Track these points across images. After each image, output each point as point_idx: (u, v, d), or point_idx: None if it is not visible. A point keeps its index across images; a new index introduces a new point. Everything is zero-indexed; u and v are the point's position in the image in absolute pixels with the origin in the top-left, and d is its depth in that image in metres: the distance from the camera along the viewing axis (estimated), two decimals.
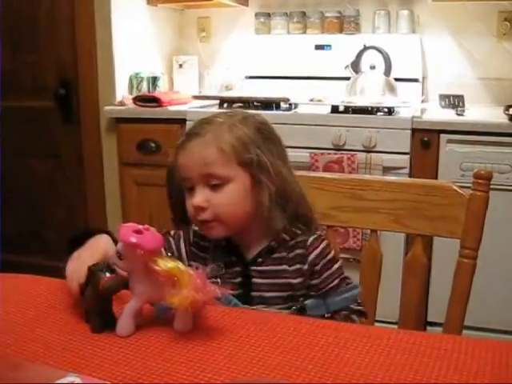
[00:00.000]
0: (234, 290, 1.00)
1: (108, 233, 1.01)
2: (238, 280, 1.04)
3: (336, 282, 1.07)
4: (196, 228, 1.12)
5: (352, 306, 1.08)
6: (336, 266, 1.08)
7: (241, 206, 1.03)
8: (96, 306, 0.84)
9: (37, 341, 0.82)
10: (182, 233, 1.11)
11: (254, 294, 1.03)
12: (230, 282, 1.01)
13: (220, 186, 1.01)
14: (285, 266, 1.04)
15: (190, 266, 0.99)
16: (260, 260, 1.05)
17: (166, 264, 0.82)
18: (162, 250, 0.90)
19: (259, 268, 1.05)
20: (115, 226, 0.87)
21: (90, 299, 0.85)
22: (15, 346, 0.80)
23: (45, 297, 0.96)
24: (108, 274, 0.83)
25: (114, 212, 2.67)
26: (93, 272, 0.84)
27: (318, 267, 1.06)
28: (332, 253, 1.09)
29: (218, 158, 1.01)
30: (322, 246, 1.08)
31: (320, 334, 0.84)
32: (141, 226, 0.84)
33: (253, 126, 1.05)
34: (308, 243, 1.07)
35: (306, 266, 1.06)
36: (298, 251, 1.06)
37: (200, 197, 1.01)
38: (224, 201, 1.01)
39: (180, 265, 0.82)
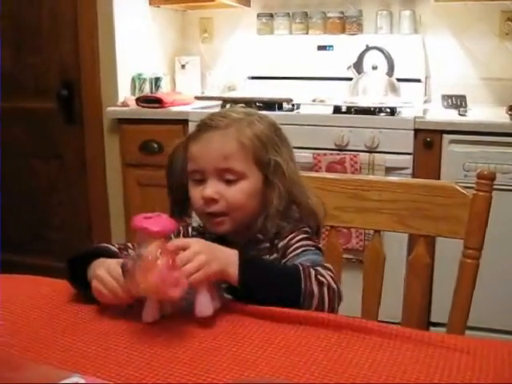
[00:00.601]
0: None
1: (107, 251, 1.00)
2: None
3: (300, 250, 1.02)
4: (195, 225, 1.11)
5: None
6: (314, 251, 1.02)
7: (250, 204, 1.02)
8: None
9: (40, 341, 0.82)
10: (181, 227, 1.11)
11: None
12: None
13: (234, 182, 1.00)
14: (267, 256, 1.03)
15: None
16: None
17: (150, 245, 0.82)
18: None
19: None
20: (118, 226, 0.87)
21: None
22: (19, 347, 0.80)
23: (48, 298, 0.97)
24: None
25: (117, 213, 2.67)
26: (126, 264, 0.85)
27: (290, 249, 1.03)
28: (312, 242, 1.05)
29: (238, 152, 1.00)
30: (298, 233, 1.04)
31: (322, 334, 0.84)
32: (152, 214, 0.85)
33: (268, 126, 1.05)
34: (284, 231, 1.04)
35: (279, 255, 1.03)
36: (276, 241, 1.05)
37: (212, 188, 1.00)
38: (236, 196, 1.00)
39: (159, 253, 0.81)
